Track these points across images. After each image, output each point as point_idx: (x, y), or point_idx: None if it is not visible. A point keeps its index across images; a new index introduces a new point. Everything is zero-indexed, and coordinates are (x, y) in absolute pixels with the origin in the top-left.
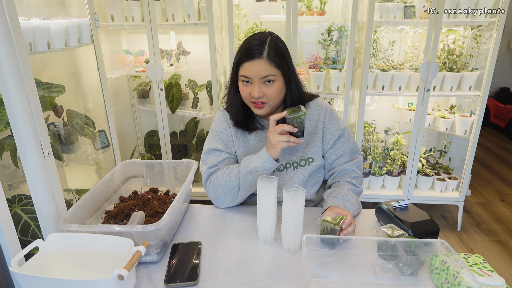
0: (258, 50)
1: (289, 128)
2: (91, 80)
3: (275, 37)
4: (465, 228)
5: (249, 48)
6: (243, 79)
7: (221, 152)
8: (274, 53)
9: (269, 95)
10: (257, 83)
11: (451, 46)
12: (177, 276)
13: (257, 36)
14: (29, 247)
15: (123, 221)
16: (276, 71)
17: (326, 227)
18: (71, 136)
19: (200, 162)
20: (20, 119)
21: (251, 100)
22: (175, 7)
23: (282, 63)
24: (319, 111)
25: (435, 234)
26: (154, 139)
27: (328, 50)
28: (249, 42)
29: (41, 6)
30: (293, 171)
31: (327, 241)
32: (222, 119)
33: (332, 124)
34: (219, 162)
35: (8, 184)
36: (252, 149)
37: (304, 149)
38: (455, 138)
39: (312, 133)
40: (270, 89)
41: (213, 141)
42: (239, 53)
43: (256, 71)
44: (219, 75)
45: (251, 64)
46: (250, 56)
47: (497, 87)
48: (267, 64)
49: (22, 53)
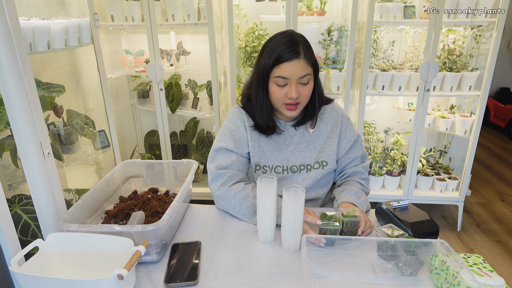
0: (294, 50)
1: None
2: (91, 80)
3: (302, 35)
4: (465, 228)
5: (284, 50)
6: (279, 80)
7: (231, 153)
8: (308, 52)
9: (304, 94)
10: (294, 83)
11: (451, 46)
12: (177, 276)
13: (286, 37)
14: (29, 247)
15: (123, 221)
16: (311, 69)
17: (327, 228)
18: (71, 136)
19: (208, 157)
20: (20, 119)
21: (286, 102)
22: (175, 7)
23: (314, 60)
24: (336, 116)
25: (435, 234)
26: (154, 139)
27: (328, 50)
28: (281, 44)
29: (41, 6)
30: (306, 173)
31: (328, 241)
32: (237, 117)
33: (348, 130)
34: (229, 165)
35: (8, 184)
36: (266, 150)
37: (319, 152)
38: (455, 138)
39: (328, 137)
40: (305, 88)
41: (223, 139)
42: (272, 55)
43: (295, 71)
44: (219, 75)
45: (290, 65)
46: (287, 58)
47: (497, 87)
48: (305, 64)
49: (22, 53)
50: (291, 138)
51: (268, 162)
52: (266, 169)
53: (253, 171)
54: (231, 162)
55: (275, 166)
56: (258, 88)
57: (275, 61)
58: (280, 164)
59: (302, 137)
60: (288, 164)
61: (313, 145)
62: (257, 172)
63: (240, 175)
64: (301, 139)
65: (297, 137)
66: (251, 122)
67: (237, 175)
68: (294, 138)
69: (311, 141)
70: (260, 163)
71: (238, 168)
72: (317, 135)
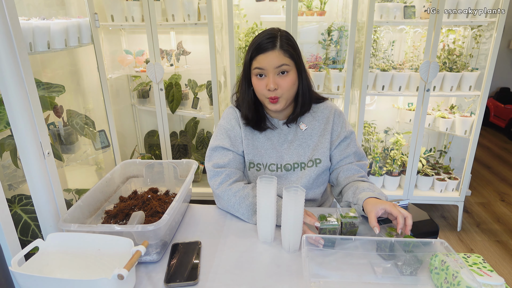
0: (271, 42)
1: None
2: (91, 80)
3: (285, 31)
4: (465, 228)
5: (261, 42)
6: (257, 71)
7: (227, 151)
8: (286, 44)
9: (283, 86)
10: (272, 74)
11: (451, 46)
12: (177, 276)
13: (267, 31)
14: (29, 247)
15: (123, 221)
16: (289, 61)
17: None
18: (71, 136)
19: (205, 156)
20: (20, 119)
21: (267, 96)
22: (175, 7)
23: (294, 53)
24: (328, 113)
25: (435, 234)
26: (154, 139)
27: (328, 50)
28: (260, 37)
29: (41, 6)
30: (301, 171)
31: (328, 241)
32: (232, 116)
33: (339, 126)
34: (226, 164)
35: (8, 184)
36: (260, 148)
37: (312, 150)
38: (455, 138)
39: (321, 134)
40: (284, 80)
41: (219, 138)
42: (251, 48)
43: (270, 61)
44: (219, 75)
45: (265, 56)
46: (263, 49)
47: (497, 87)
48: (281, 54)
49: (22, 53)
50: (284, 136)
51: (262, 160)
52: (260, 167)
53: (247, 169)
54: (228, 160)
55: (269, 164)
56: (242, 82)
57: (252, 53)
58: (274, 162)
59: (295, 135)
60: (282, 162)
61: (307, 143)
62: (251, 170)
63: (237, 173)
64: (294, 137)
65: (290, 135)
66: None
67: (234, 173)
68: (287, 136)
69: (304, 139)
70: (254, 161)
71: (235, 166)
72: (310, 133)
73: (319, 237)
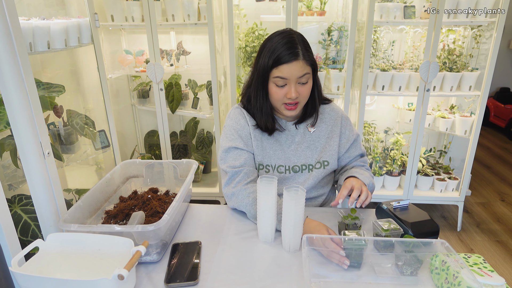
0: (294, 51)
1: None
2: (91, 80)
3: (300, 34)
4: (465, 228)
5: (283, 52)
6: (278, 80)
7: (241, 151)
8: (306, 51)
9: (303, 94)
10: (293, 83)
11: (451, 46)
12: (177, 276)
13: (284, 36)
14: (29, 247)
15: (123, 221)
16: (309, 69)
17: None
18: (71, 136)
19: (219, 159)
20: (20, 119)
21: (284, 102)
22: (175, 7)
23: (313, 59)
24: (336, 116)
25: (435, 234)
26: (154, 139)
27: (328, 50)
28: (279, 43)
29: (41, 6)
30: (308, 173)
31: (354, 261)
32: (240, 116)
33: (347, 129)
34: (242, 164)
35: (8, 184)
36: (269, 149)
37: (320, 152)
38: (455, 138)
39: (328, 136)
40: (304, 88)
41: (231, 138)
42: (271, 56)
43: (294, 72)
44: (219, 75)
45: (289, 66)
46: (288, 58)
47: (497, 87)
48: (304, 64)
49: (22, 53)
50: (292, 137)
51: (271, 161)
52: (269, 169)
53: (257, 171)
54: (244, 160)
55: (278, 165)
56: (257, 89)
57: (274, 62)
58: (282, 164)
59: (303, 137)
60: (290, 163)
61: (314, 145)
62: (260, 172)
63: (255, 173)
64: (302, 139)
65: (298, 137)
66: (253, 121)
67: (252, 172)
68: (295, 137)
69: (312, 141)
70: (263, 163)
71: (251, 165)
72: (317, 135)
73: (320, 236)
